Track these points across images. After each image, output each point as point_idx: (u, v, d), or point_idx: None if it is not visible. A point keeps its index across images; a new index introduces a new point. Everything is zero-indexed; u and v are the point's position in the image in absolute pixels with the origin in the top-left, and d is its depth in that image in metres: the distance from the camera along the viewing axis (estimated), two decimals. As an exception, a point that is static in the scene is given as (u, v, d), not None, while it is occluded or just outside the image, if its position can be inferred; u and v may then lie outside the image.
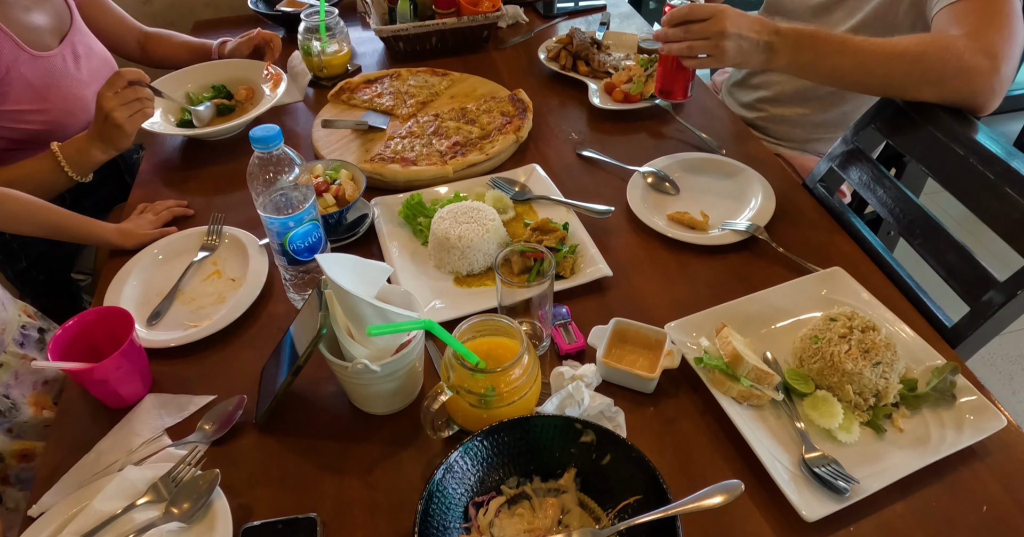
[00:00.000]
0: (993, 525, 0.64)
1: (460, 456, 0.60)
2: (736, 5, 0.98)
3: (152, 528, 0.61)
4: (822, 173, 1.04)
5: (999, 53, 0.89)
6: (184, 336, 0.80)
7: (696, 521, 0.63)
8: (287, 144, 0.73)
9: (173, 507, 0.62)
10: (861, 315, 0.74)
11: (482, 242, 0.87)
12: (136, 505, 0.63)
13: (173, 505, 0.62)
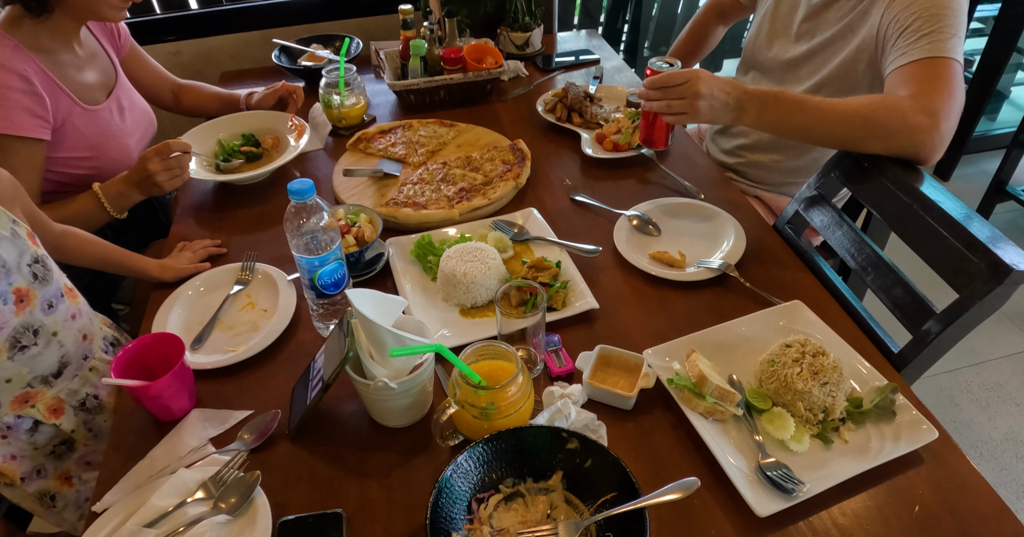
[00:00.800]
0: (924, 523, 0.74)
1: (465, 459, 0.71)
2: (717, 57, 1.12)
3: (203, 520, 0.71)
4: (789, 216, 1.17)
5: (939, 112, 1.02)
6: (224, 359, 0.92)
7: (666, 517, 0.73)
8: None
9: (220, 502, 0.72)
10: (813, 342, 0.86)
11: (484, 278, 0.99)
12: (188, 501, 0.74)
13: (220, 501, 0.73)
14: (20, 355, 0.87)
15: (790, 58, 1.37)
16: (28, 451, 0.93)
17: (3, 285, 0.84)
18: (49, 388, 0.92)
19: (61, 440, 0.95)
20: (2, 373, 0.87)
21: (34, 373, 0.90)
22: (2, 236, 0.85)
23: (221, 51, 1.87)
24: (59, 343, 0.91)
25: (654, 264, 1.07)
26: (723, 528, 0.73)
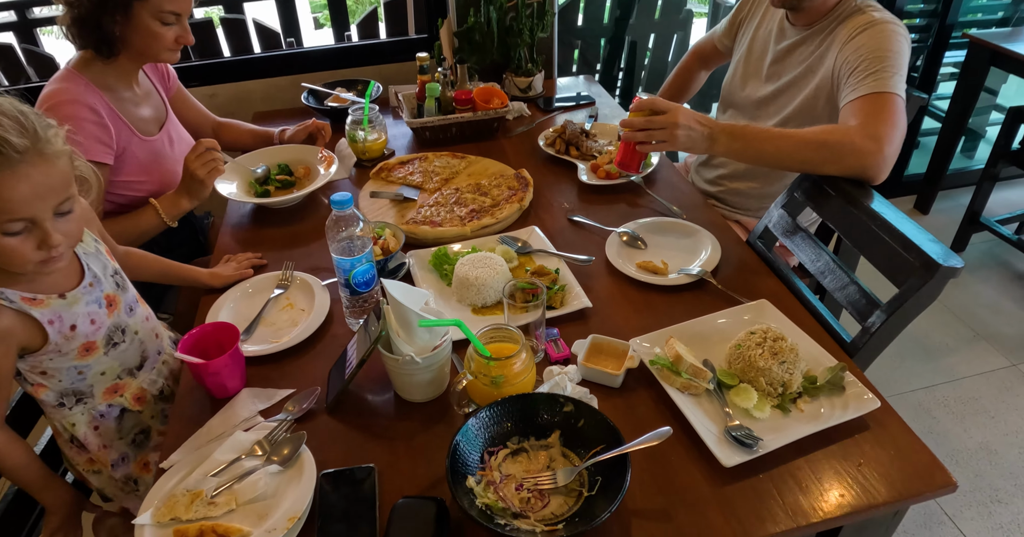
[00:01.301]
0: (867, 475, 0.87)
1: (478, 419, 0.85)
2: (705, 100, 1.30)
3: (257, 470, 0.85)
4: (760, 231, 1.33)
5: (883, 138, 1.19)
6: (269, 348, 1.06)
7: (647, 468, 0.87)
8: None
9: (273, 456, 0.86)
10: (774, 329, 1.00)
11: (493, 282, 1.14)
12: (244, 457, 0.87)
13: (273, 455, 0.86)
14: (113, 350, 1.02)
15: (760, 97, 1.55)
16: (114, 440, 1.07)
17: (97, 292, 1.00)
18: (133, 379, 1.07)
19: (140, 429, 1.10)
20: (98, 367, 1.02)
21: (123, 366, 1.05)
22: (90, 253, 1.02)
23: (253, 93, 2.07)
24: (140, 340, 1.07)
25: (640, 272, 1.22)
26: (695, 477, 0.86)
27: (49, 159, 0.85)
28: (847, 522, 0.84)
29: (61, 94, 1.26)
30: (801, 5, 1.42)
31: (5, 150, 0.80)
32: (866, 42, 1.30)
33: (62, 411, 1.03)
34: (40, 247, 0.87)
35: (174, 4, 1.28)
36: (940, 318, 2.37)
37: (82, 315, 0.98)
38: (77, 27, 1.26)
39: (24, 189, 0.82)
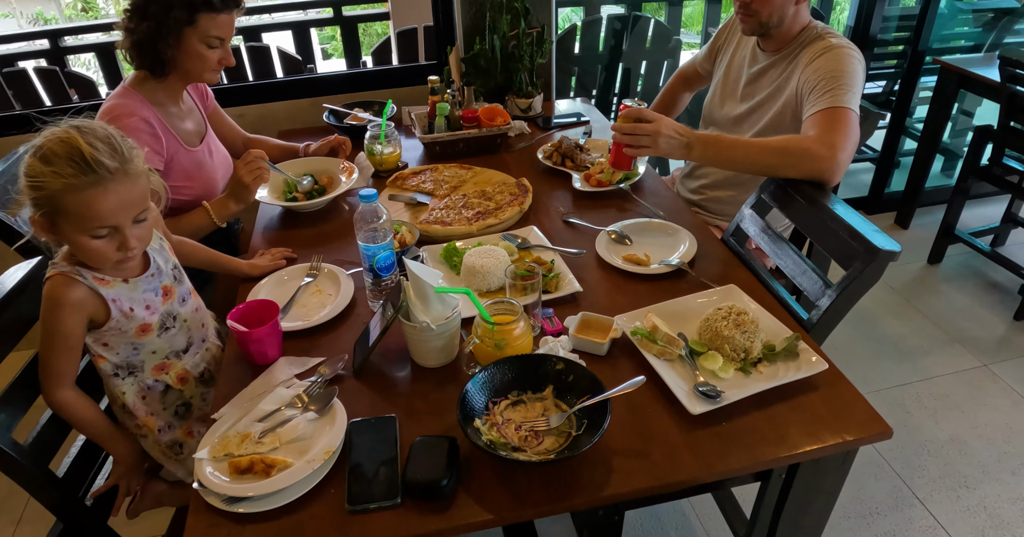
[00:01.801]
0: (815, 425, 1.02)
1: (484, 374, 1.01)
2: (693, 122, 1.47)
3: (296, 417, 1.01)
4: (732, 229, 1.50)
5: (836, 145, 1.36)
6: (302, 325, 1.23)
7: (627, 417, 1.02)
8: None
9: (311, 406, 1.02)
10: (738, 306, 1.16)
11: (497, 269, 1.31)
12: (284, 407, 1.03)
13: (311, 405, 1.02)
14: (164, 334, 1.19)
15: (737, 114, 1.74)
16: (159, 410, 1.23)
17: (156, 282, 1.17)
18: (179, 361, 1.23)
19: (182, 403, 1.26)
20: (151, 346, 1.18)
21: (171, 348, 1.21)
22: (155, 249, 1.19)
23: (277, 114, 2.26)
24: (188, 327, 1.23)
25: (625, 263, 1.39)
26: (667, 424, 1.02)
27: (133, 178, 1.02)
28: (798, 461, 0.99)
29: (120, 108, 1.45)
30: (769, 33, 1.61)
31: (100, 170, 0.97)
32: (824, 64, 1.48)
33: (115, 380, 1.19)
34: (119, 249, 1.05)
35: (219, 30, 1.47)
36: (916, 323, 2.52)
37: (139, 301, 1.14)
38: (135, 50, 1.46)
39: (112, 202, 1.00)
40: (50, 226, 1.02)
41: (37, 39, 3.71)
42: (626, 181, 1.69)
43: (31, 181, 0.99)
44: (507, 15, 2.05)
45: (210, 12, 1.44)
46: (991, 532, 1.77)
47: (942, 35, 3.31)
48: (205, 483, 0.91)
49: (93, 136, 0.99)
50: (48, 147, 0.98)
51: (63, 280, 1.07)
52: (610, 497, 0.92)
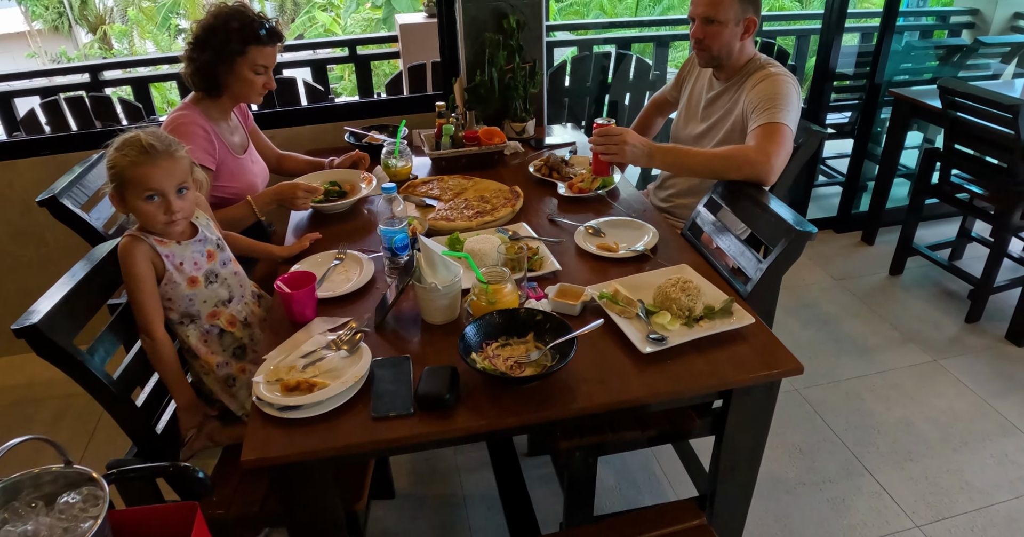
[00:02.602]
0: (742, 362, 1.29)
1: (480, 321, 1.28)
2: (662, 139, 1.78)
3: (330, 355, 1.28)
4: (689, 224, 1.78)
5: (770, 153, 1.66)
6: (332, 294, 1.51)
7: (591, 355, 1.29)
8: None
9: (343, 346, 1.29)
10: (685, 277, 1.44)
11: (492, 252, 1.59)
12: (320, 348, 1.30)
13: (343, 346, 1.30)
14: (209, 287, 1.48)
15: (697, 133, 2.04)
16: (218, 351, 1.52)
17: (202, 246, 1.47)
18: (225, 308, 1.52)
19: (238, 346, 1.54)
20: (201, 296, 1.47)
21: (217, 298, 1.50)
22: (203, 224, 1.49)
23: (302, 136, 2.58)
24: (228, 284, 1.52)
25: (598, 250, 1.67)
26: (623, 361, 1.28)
27: (174, 158, 1.37)
28: (729, 387, 1.26)
29: (183, 118, 1.77)
30: (720, 65, 1.93)
31: (152, 151, 1.33)
32: (763, 88, 1.79)
33: (181, 328, 1.48)
34: (165, 213, 1.37)
35: (264, 59, 1.80)
36: (875, 325, 2.78)
37: (188, 258, 1.45)
38: (197, 75, 1.78)
39: (159, 174, 1.34)
40: (120, 198, 1.37)
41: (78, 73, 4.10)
42: (603, 188, 1.98)
43: (109, 163, 1.35)
44: (504, 51, 2.39)
45: (258, 45, 1.77)
46: (930, 497, 2.00)
47: (904, 69, 3.66)
48: (262, 397, 1.18)
49: (147, 132, 1.36)
50: (120, 141, 1.35)
51: (131, 239, 1.39)
52: (578, 409, 1.19)
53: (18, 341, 1.25)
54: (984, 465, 2.11)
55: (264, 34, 1.77)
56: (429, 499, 2.04)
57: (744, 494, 1.54)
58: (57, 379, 2.64)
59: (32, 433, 0.93)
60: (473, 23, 2.41)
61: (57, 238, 2.61)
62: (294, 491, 1.19)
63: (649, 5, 13.89)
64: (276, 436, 1.14)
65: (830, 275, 3.15)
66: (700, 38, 1.88)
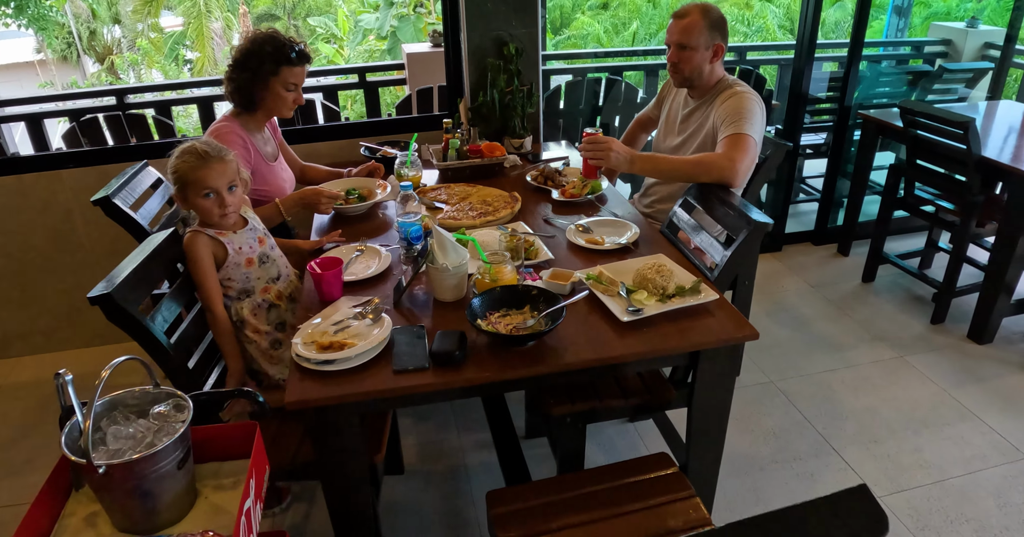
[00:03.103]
0: (706, 329, 1.51)
1: (484, 295, 1.51)
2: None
3: (357, 323, 1.51)
4: (667, 222, 2.03)
5: (735, 159, 1.91)
6: (354, 278, 1.74)
7: (579, 326, 1.52)
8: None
9: (369, 315, 1.52)
10: (660, 262, 1.68)
11: (494, 242, 1.83)
12: (348, 318, 1.53)
13: (368, 315, 1.52)
14: (262, 266, 1.73)
15: (675, 145, 2.30)
16: (264, 323, 1.76)
17: (252, 234, 1.72)
18: (275, 285, 1.77)
19: (280, 321, 1.77)
20: (255, 275, 1.73)
21: (268, 276, 1.75)
22: (251, 217, 1.74)
23: (320, 151, 2.84)
24: (276, 264, 1.78)
25: (587, 243, 1.91)
26: (605, 329, 1.51)
27: (224, 161, 1.63)
28: (696, 349, 1.49)
29: (224, 128, 2.04)
30: (693, 85, 2.19)
31: (206, 156, 1.60)
32: (731, 104, 2.05)
33: (237, 302, 1.74)
34: (220, 207, 1.62)
35: (295, 78, 2.06)
36: (846, 326, 3.01)
37: (244, 243, 1.70)
38: (236, 93, 2.05)
39: (213, 175, 1.60)
40: (183, 197, 1.64)
41: (106, 96, 4.39)
42: (592, 193, 2.23)
43: (172, 169, 1.63)
44: (504, 75, 2.66)
45: (289, 65, 2.04)
46: (891, 472, 2.21)
47: (879, 93, 3.94)
48: (301, 354, 1.41)
49: (200, 142, 1.64)
50: (179, 150, 1.63)
51: (194, 234, 1.65)
52: (566, 365, 1.41)
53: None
54: (941, 446, 2.31)
55: (294, 56, 2.04)
56: (435, 473, 2.24)
57: (715, 455, 1.75)
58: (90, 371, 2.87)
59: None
60: (476, 50, 2.68)
61: (93, 243, 2.84)
62: (327, 435, 1.41)
63: (644, 39, 14.37)
64: (313, 385, 1.37)
65: (807, 283, 3.38)
66: (675, 62, 2.15)
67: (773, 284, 3.38)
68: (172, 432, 1.01)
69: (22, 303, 2.88)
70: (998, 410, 2.47)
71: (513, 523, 1.40)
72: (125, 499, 0.98)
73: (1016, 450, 2.29)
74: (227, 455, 1.16)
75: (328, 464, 1.46)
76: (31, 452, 2.41)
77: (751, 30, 14.38)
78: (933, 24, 5.86)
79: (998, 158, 2.67)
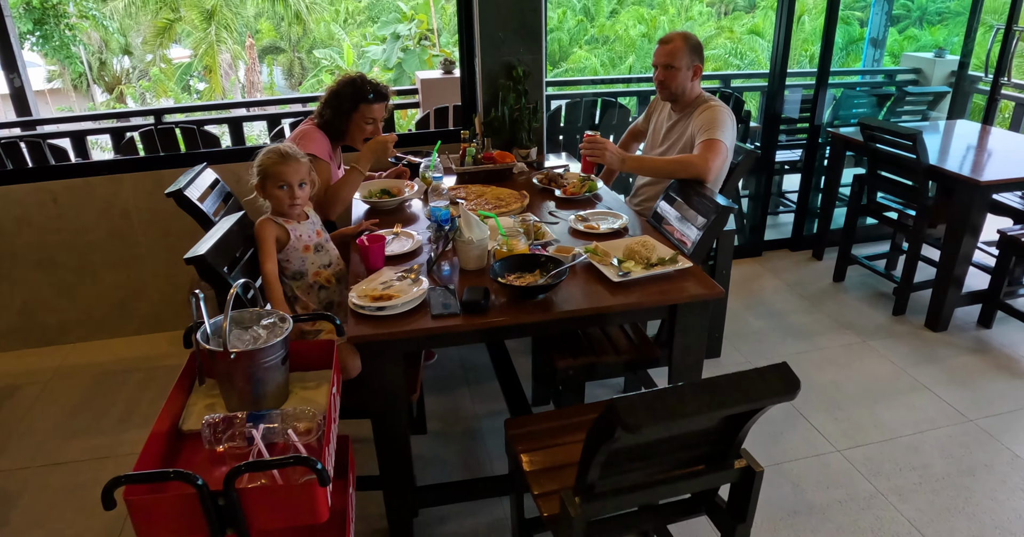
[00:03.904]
0: (681, 289, 1.87)
1: (501, 261, 1.88)
2: (611, 148, 2.42)
3: (400, 283, 1.87)
4: (652, 214, 2.40)
5: (708, 159, 2.30)
6: (393, 252, 2.10)
7: (582, 286, 1.88)
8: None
9: (409, 276, 1.88)
10: (645, 239, 2.04)
11: (506, 224, 2.20)
12: (393, 278, 1.89)
13: (409, 276, 1.88)
14: (317, 253, 2.09)
15: (660, 152, 2.69)
16: (315, 301, 2.11)
17: (312, 227, 2.09)
18: (326, 270, 2.12)
19: (328, 301, 2.13)
20: (310, 260, 2.08)
21: (321, 262, 2.10)
22: (312, 214, 2.11)
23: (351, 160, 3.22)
24: (328, 254, 2.13)
25: (585, 228, 2.28)
26: (599, 288, 1.87)
27: (299, 162, 2.01)
28: (674, 302, 1.85)
29: (310, 131, 2.48)
30: (677, 100, 2.59)
31: (286, 156, 1.97)
32: (706, 116, 2.45)
33: (292, 282, 2.08)
34: (290, 198, 1.98)
35: (372, 114, 2.51)
36: (816, 317, 3.37)
37: (304, 233, 2.05)
38: (326, 126, 2.50)
39: (289, 171, 1.96)
40: (262, 187, 1.99)
41: (142, 115, 4.81)
42: (590, 192, 2.61)
43: (257, 163, 1.99)
44: (512, 94, 3.06)
45: (366, 103, 2.47)
46: (850, 431, 2.54)
47: (849, 114, 4.35)
48: (358, 302, 1.76)
49: (283, 144, 2.02)
50: (266, 149, 2.00)
51: (265, 220, 2.01)
52: (568, 312, 1.77)
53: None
54: (896, 411, 2.65)
55: (371, 97, 2.46)
56: (453, 434, 2.57)
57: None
58: (138, 356, 3.26)
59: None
60: (489, 73, 3.09)
61: (147, 240, 3.21)
62: (377, 367, 1.76)
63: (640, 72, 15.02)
64: (368, 326, 1.72)
65: (783, 282, 3.75)
66: (662, 80, 2.55)
67: (753, 284, 3.74)
68: (278, 336, 1.36)
69: (81, 294, 3.23)
70: (946, 383, 2.82)
71: (527, 440, 1.74)
72: (242, 383, 1.32)
73: (960, 414, 2.63)
74: (309, 366, 1.51)
75: (378, 397, 1.80)
76: (89, 422, 2.74)
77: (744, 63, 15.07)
78: (904, 54, 6.35)
79: (948, 167, 3.06)
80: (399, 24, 14.50)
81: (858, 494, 2.25)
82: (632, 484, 1.39)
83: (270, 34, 21.74)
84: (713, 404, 1.21)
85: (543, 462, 1.66)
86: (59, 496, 2.31)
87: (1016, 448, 2.44)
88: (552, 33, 22.42)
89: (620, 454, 1.31)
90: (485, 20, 2.98)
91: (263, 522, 1.09)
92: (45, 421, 2.73)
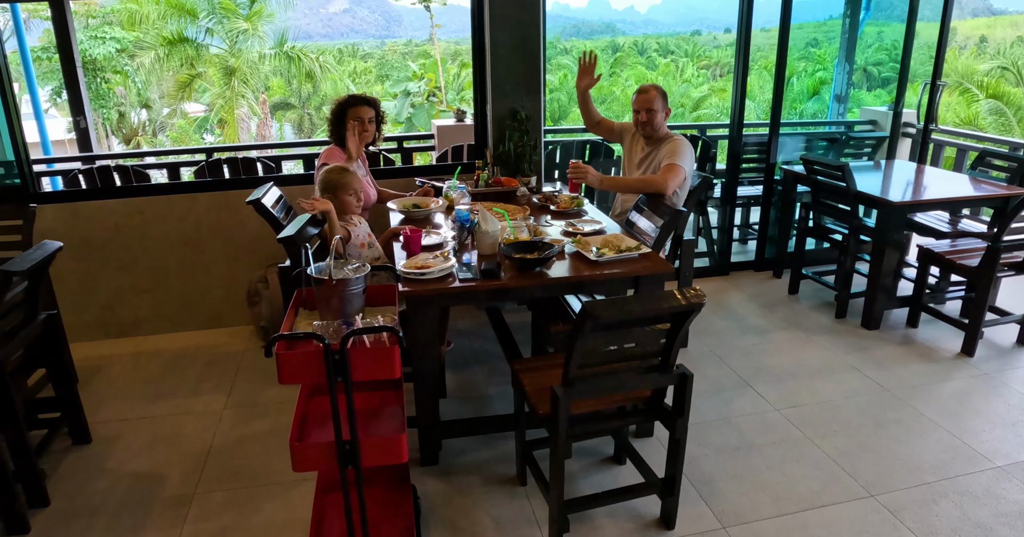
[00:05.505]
0: (643, 267, 2.53)
1: (509, 245, 2.54)
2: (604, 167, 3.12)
3: (434, 260, 2.52)
4: (625, 221, 3.08)
5: (667, 178, 3.02)
6: (425, 243, 2.77)
7: (565, 263, 2.53)
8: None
9: (442, 255, 2.54)
10: (617, 234, 2.71)
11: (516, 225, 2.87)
12: (430, 257, 2.55)
13: (442, 255, 2.54)
14: (369, 249, 2.78)
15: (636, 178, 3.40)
16: None
17: (365, 229, 2.77)
18: (376, 261, 2.78)
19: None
20: (365, 254, 2.76)
21: (372, 257, 2.78)
22: (365, 220, 2.80)
23: (390, 183, 3.93)
24: (376, 248, 2.82)
25: (573, 231, 2.95)
26: (582, 264, 2.53)
27: (356, 176, 2.74)
28: (637, 274, 2.50)
29: (332, 149, 3.17)
30: (651, 136, 3.32)
31: (347, 171, 2.74)
32: (669, 147, 3.17)
33: None
34: (357, 201, 2.70)
35: (357, 114, 3.22)
36: (770, 319, 4.00)
37: (361, 233, 2.75)
38: (333, 135, 3.19)
39: (354, 181, 2.73)
40: (333, 196, 2.67)
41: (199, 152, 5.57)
42: (578, 207, 3.29)
43: (324, 177, 2.71)
44: (516, 133, 3.79)
45: (351, 106, 3.21)
46: (789, 397, 3.15)
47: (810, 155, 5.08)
48: (405, 268, 2.41)
49: (340, 165, 2.72)
50: (328, 167, 2.74)
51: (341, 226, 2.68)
52: (558, 279, 2.43)
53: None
54: (828, 384, 3.26)
55: (351, 101, 3.21)
56: (468, 398, 3.17)
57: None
58: (201, 345, 3.88)
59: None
60: (498, 116, 3.83)
61: (214, 248, 3.87)
62: (418, 318, 2.39)
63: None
64: (413, 286, 2.37)
65: (746, 295, 4.39)
66: (644, 121, 3.29)
67: (719, 295, 4.39)
68: (362, 272, 2.01)
69: (155, 292, 3.87)
70: (873, 367, 3.43)
71: (528, 372, 2.36)
72: (336, 303, 1.96)
73: (880, 387, 3.23)
74: (374, 304, 2.15)
75: (419, 340, 2.43)
76: (168, 389, 3.33)
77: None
78: (863, 108, 7.18)
79: (871, 192, 3.76)
80: (410, 82, 15.63)
81: (789, 437, 2.84)
82: (602, 377, 2.01)
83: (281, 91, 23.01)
84: (648, 306, 1.84)
85: (539, 383, 2.28)
86: (151, 438, 2.90)
87: (922, 409, 3.04)
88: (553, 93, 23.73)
89: (592, 355, 1.94)
90: (496, 74, 3.74)
91: (359, 374, 1.70)
92: (132, 389, 3.33)
